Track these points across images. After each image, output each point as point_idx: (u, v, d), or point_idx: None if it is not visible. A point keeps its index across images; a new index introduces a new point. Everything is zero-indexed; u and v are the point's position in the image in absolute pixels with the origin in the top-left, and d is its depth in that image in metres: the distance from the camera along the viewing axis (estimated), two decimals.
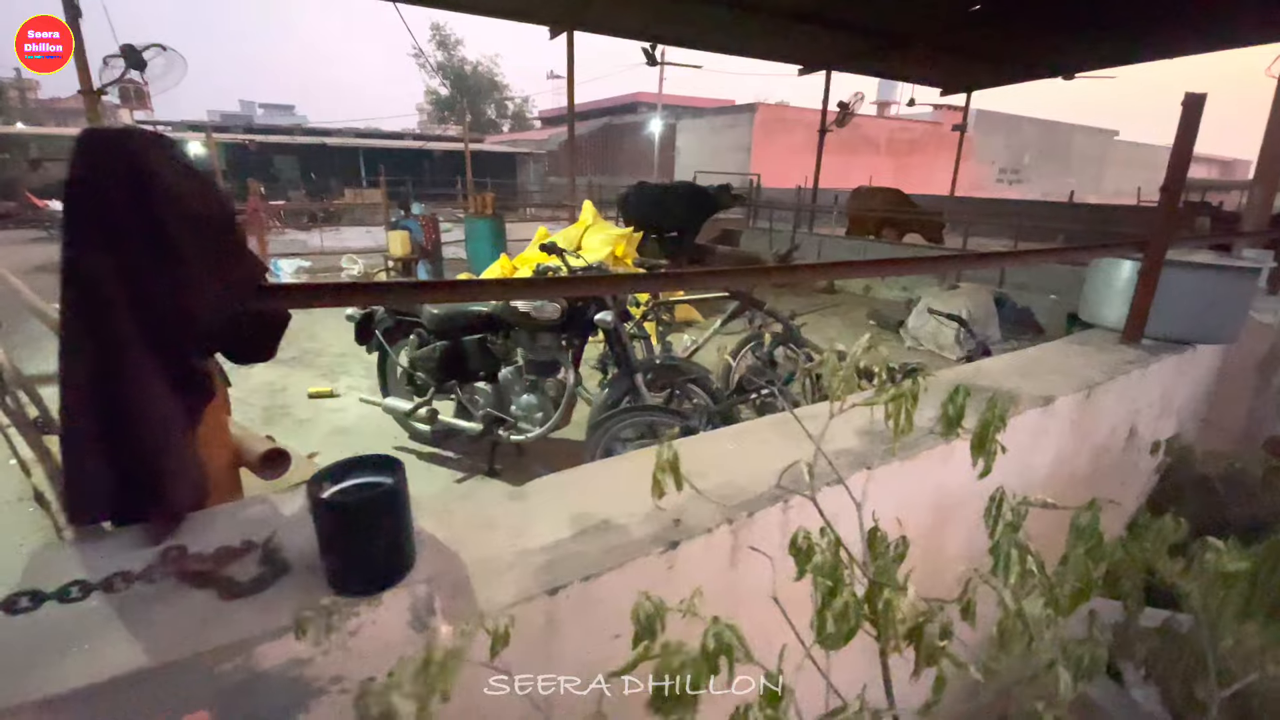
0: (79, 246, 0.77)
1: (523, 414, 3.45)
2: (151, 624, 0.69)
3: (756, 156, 25.57)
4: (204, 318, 0.82)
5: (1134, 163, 36.49)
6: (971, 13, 8.75)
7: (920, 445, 1.42)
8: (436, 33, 37.89)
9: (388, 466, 0.77)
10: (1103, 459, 2.13)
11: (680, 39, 11.05)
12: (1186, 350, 2.41)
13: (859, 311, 7.87)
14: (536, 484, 1.22)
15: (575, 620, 0.95)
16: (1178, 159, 2.15)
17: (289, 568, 0.77)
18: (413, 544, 0.79)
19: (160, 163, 0.78)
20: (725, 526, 1.11)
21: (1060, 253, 2.42)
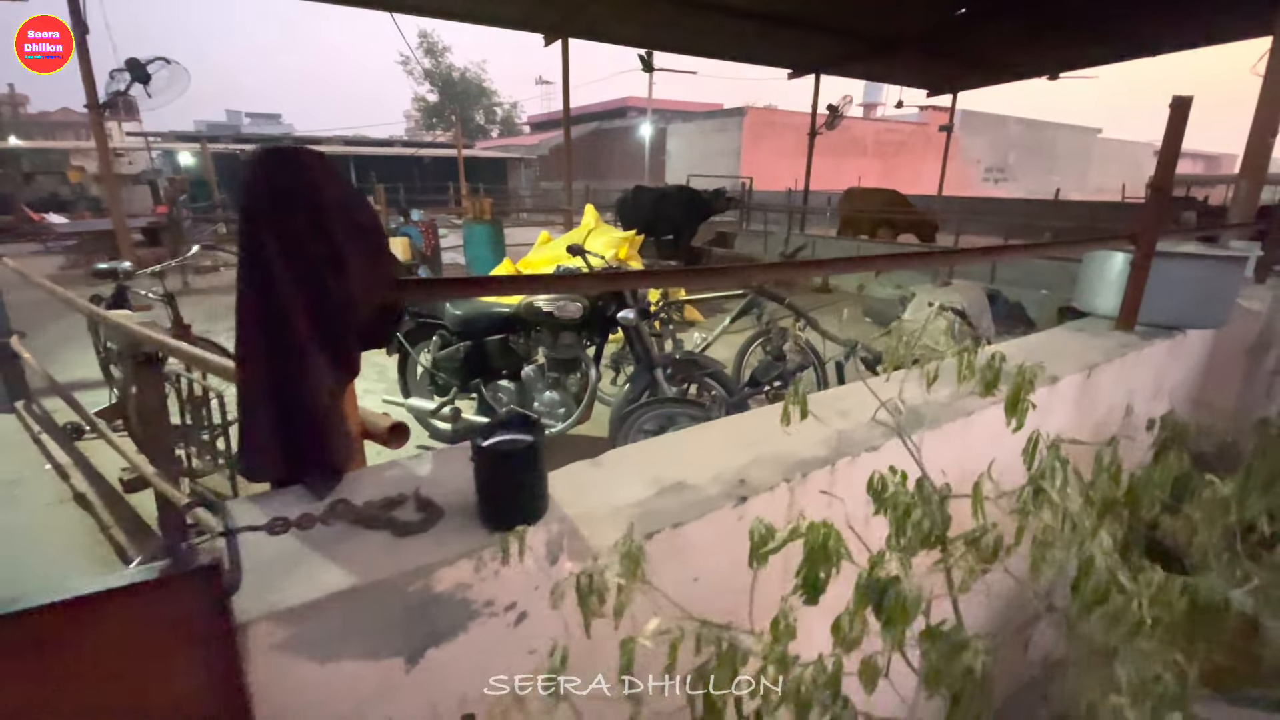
0: (259, 251, 0.91)
1: (546, 410, 3.60)
2: (347, 555, 0.83)
3: (746, 160, 25.87)
4: (362, 309, 0.97)
5: (1117, 160, 37.18)
6: (957, 16, 9.01)
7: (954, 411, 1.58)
8: (424, 40, 38.03)
9: (525, 424, 0.92)
10: (1102, 434, 2.30)
11: (673, 45, 11.26)
12: (1177, 335, 2.60)
13: (855, 309, 8.07)
14: (611, 455, 1.37)
15: (664, 563, 1.10)
16: (1166, 158, 2.33)
17: (443, 512, 0.92)
18: (548, 491, 0.94)
19: (326, 175, 0.93)
20: (784, 485, 1.26)
21: (1056, 247, 2.59)
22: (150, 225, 11.24)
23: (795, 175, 15.88)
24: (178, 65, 7.61)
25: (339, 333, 0.96)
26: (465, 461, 1.12)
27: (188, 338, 3.64)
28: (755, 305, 4.23)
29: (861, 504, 1.19)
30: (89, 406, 3.77)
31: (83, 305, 3.02)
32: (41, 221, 14.29)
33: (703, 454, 1.36)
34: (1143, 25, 9.12)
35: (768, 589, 1.15)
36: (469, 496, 0.96)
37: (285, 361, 0.94)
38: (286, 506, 0.94)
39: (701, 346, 4.33)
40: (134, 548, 2.82)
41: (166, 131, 23.46)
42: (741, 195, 14.55)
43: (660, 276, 2.52)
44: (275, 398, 0.94)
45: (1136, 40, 10.01)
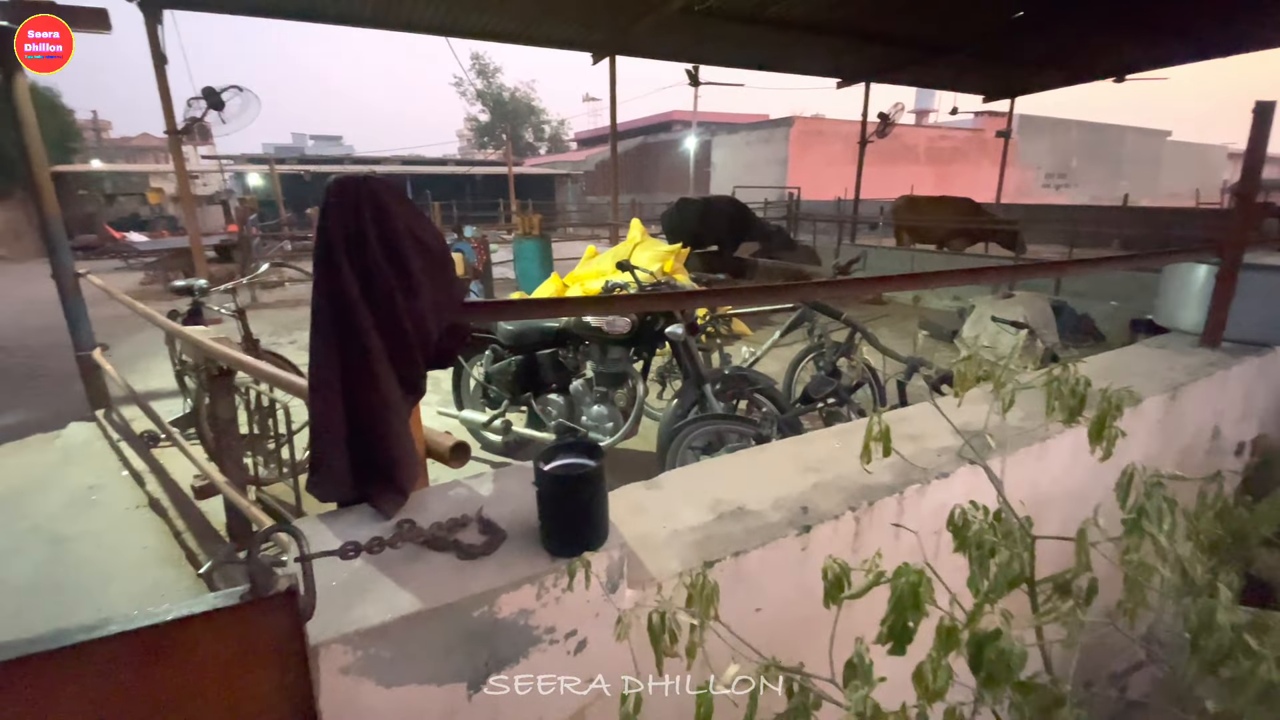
0: (335, 275, 0.94)
1: (594, 424, 3.60)
2: (414, 578, 0.84)
3: (793, 169, 25.61)
4: (432, 331, 0.98)
5: (1188, 163, 35.18)
6: (1015, 19, 8.73)
7: (1028, 436, 1.50)
8: (476, 62, 39.31)
9: (587, 449, 0.92)
10: (1188, 459, 2.15)
11: (719, 59, 11.27)
12: (1266, 352, 2.42)
13: (909, 322, 7.83)
14: (668, 476, 1.35)
15: (725, 592, 1.07)
16: (1250, 164, 2.18)
17: (506, 534, 0.92)
18: (609, 517, 0.93)
19: (399, 204, 0.95)
20: (849, 513, 1.22)
21: (1134, 259, 2.45)
22: (222, 243, 11.89)
23: (845, 184, 15.62)
24: (249, 93, 8.06)
25: (409, 354, 0.98)
26: (524, 482, 1.12)
27: (256, 351, 3.82)
28: (807, 319, 4.15)
29: (933, 536, 1.14)
30: (164, 416, 3.98)
31: (162, 321, 3.19)
32: (123, 240, 15.34)
33: (761, 478, 1.33)
34: (1217, 23, 8.64)
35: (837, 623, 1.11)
36: (530, 519, 0.96)
37: (357, 383, 0.96)
38: (355, 527, 0.95)
39: (750, 361, 4.27)
40: (204, 552, 2.95)
41: (237, 154, 24.87)
42: (789, 205, 14.39)
43: (715, 295, 2.50)
44: (346, 419, 0.97)
45: (1209, 40, 9.49)
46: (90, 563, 2.91)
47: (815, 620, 1.21)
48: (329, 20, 8.26)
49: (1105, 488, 1.79)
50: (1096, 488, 1.77)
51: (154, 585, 2.74)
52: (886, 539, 1.27)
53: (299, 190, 22.39)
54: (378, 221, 0.94)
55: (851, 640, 1.06)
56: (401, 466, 0.99)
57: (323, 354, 0.96)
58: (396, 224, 0.95)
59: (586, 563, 0.76)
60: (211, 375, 2.88)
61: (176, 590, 2.71)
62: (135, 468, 3.88)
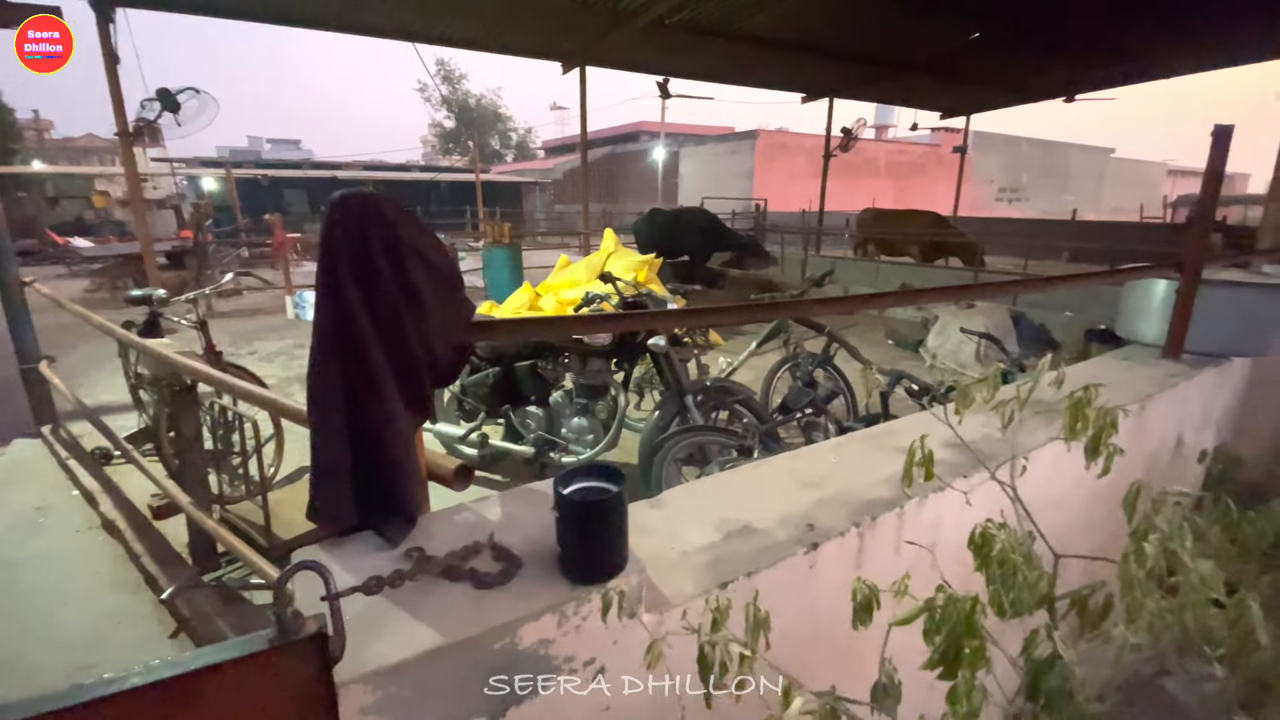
0: (339, 294, 0.91)
1: (574, 436, 3.57)
2: (432, 611, 0.81)
3: (759, 181, 26.02)
4: (439, 350, 0.96)
5: (1131, 179, 37.05)
6: (971, 40, 9.07)
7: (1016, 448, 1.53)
8: (442, 67, 38.90)
9: (606, 473, 0.90)
10: (1154, 467, 2.24)
11: (688, 72, 11.40)
12: (1224, 364, 2.54)
13: (875, 332, 8.01)
14: (670, 494, 1.34)
15: (739, 613, 1.07)
16: (1209, 185, 2.30)
17: (521, 562, 0.90)
18: (628, 542, 0.91)
19: (405, 222, 0.92)
20: (853, 530, 1.22)
21: (1101, 276, 2.55)
22: (174, 249, 11.45)
23: (809, 196, 15.94)
24: (207, 95, 7.81)
25: (416, 374, 0.95)
26: (533, 505, 1.10)
27: (219, 364, 3.67)
28: (782, 329, 4.20)
29: (934, 549, 1.16)
30: (116, 431, 3.78)
31: (120, 333, 3.04)
32: (66, 245, 14.61)
33: (763, 494, 1.33)
34: (1162, 47, 9.13)
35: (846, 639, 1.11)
36: (544, 545, 0.94)
37: (362, 404, 0.93)
38: (361, 557, 0.92)
39: (728, 372, 4.29)
40: (165, 576, 2.81)
41: (190, 157, 24.00)
42: (756, 218, 14.60)
43: (711, 314, 2.50)
44: (350, 441, 0.93)
45: (1155, 62, 10.02)
46: (40, 589, 2.74)
47: (824, 637, 1.21)
48: (292, 23, 8.07)
49: (1085, 498, 1.85)
50: (1077, 498, 1.83)
51: (110, 612, 2.59)
52: (889, 554, 1.28)
53: (256, 195, 21.72)
54: (384, 239, 0.91)
55: (862, 658, 1.06)
56: (408, 490, 0.95)
57: (325, 374, 0.92)
58: (403, 242, 0.92)
59: (621, 593, 0.74)
60: (174, 390, 2.76)
61: (135, 617, 2.57)
62: (86, 487, 3.68)
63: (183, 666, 0.52)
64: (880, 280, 9.92)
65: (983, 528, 0.82)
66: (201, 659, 0.53)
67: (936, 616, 0.68)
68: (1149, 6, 7.57)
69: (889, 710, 0.69)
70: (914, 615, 0.72)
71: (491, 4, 7.52)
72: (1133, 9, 7.68)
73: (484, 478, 3.95)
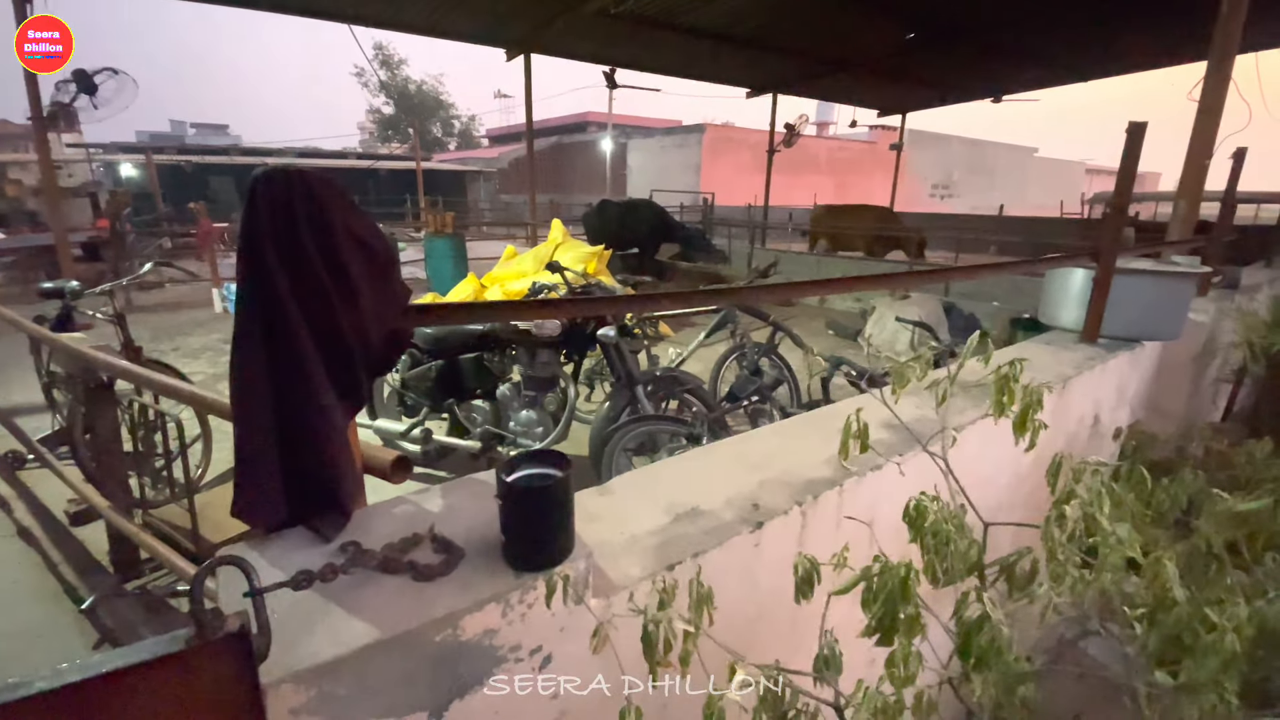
0: (262, 279, 0.86)
1: (522, 430, 3.52)
2: (368, 605, 0.78)
3: (705, 175, 26.24)
4: (373, 337, 0.92)
5: (1052, 177, 39.20)
6: (908, 40, 9.38)
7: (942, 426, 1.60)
8: (380, 52, 37.48)
9: (553, 458, 0.88)
10: (1074, 444, 2.38)
11: (633, 62, 11.37)
12: (1136, 347, 2.72)
13: (816, 322, 8.23)
14: (618, 481, 1.34)
15: (684, 592, 1.07)
16: (1123, 180, 2.45)
17: (463, 552, 0.87)
18: (574, 527, 0.90)
19: (335, 200, 0.88)
20: (795, 508, 1.25)
21: (1025, 264, 2.70)
22: (90, 240, 10.67)
23: (754, 191, 16.18)
24: (125, 76, 7.30)
25: (349, 363, 0.91)
26: (476, 495, 1.07)
27: (138, 360, 3.44)
28: (730, 320, 4.25)
29: (872, 525, 1.19)
30: (30, 433, 3.51)
31: (30, 327, 2.82)
32: None
33: (711, 478, 1.35)
34: (1085, 52, 9.68)
35: (790, 614, 1.14)
36: (488, 534, 0.92)
37: (290, 394, 0.88)
38: (293, 553, 0.87)
39: (677, 362, 4.32)
40: (85, 585, 2.63)
41: (108, 143, 22.36)
42: (704, 211, 14.74)
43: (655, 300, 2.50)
44: (278, 435, 0.88)
45: (1078, 65, 10.61)
46: None
47: (768, 614, 1.24)
48: (223, 1, 7.60)
49: (1013, 473, 1.94)
50: (1005, 473, 1.93)
51: (28, 624, 2.42)
52: (830, 530, 1.32)
53: (180, 182, 20.47)
54: (312, 219, 0.86)
55: (806, 632, 1.08)
56: (342, 484, 0.91)
57: (248, 363, 0.87)
58: (334, 222, 0.88)
59: (565, 577, 0.73)
60: (89, 387, 2.58)
61: (55, 628, 2.40)
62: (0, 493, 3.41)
63: (93, 669, 0.48)
64: (821, 272, 10.19)
65: (916, 500, 0.85)
66: (113, 661, 0.49)
67: (873, 586, 0.70)
68: (1073, 14, 8.00)
69: (830, 680, 0.70)
70: (851, 585, 0.74)
71: None
72: (1058, 16, 8.10)
73: (428, 475, 3.85)
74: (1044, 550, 0.90)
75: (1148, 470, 1.20)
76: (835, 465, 1.42)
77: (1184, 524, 1.10)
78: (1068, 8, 7.80)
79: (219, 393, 2.08)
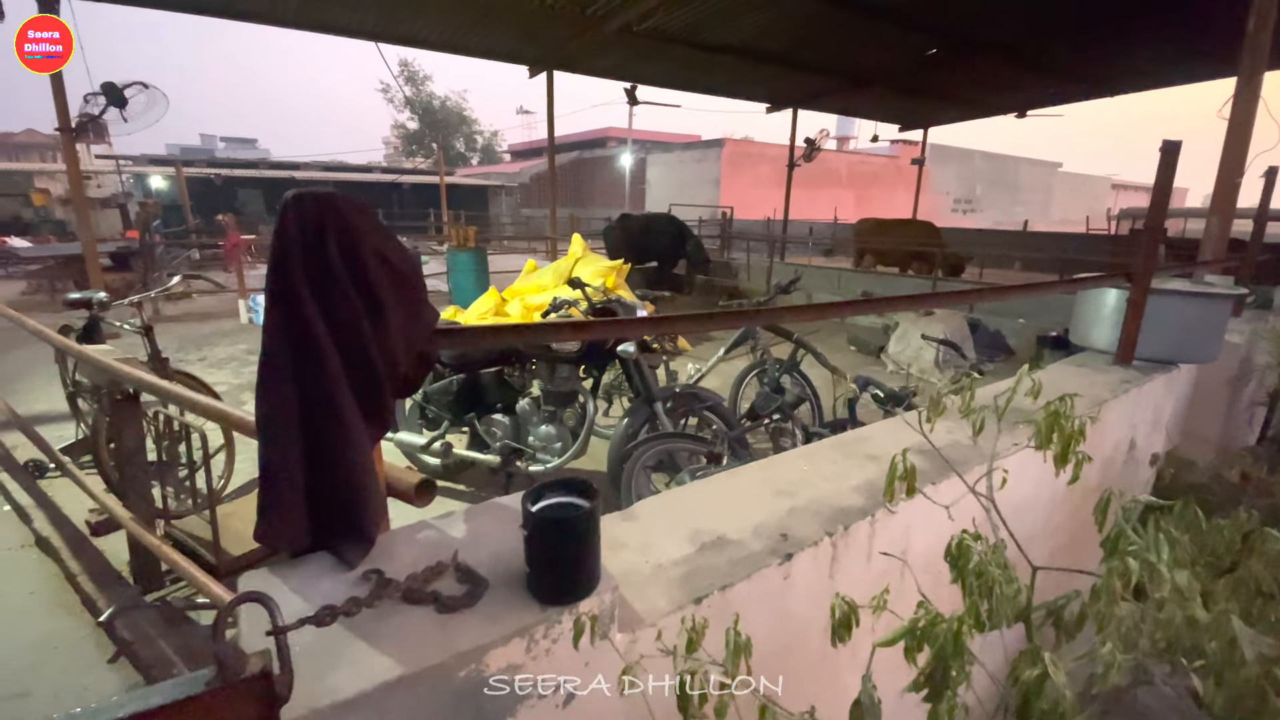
0: (291, 300, 0.85)
1: (541, 444, 3.50)
2: (392, 637, 0.75)
3: (725, 189, 26.29)
4: (400, 359, 0.90)
5: (1077, 192, 38.72)
6: (930, 55, 9.33)
7: (982, 455, 1.55)
8: (405, 68, 38.26)
9: (576, 488, 0.86)
10: (1109, 471, 2.30)
11: (655, 79, 11.45)
12: (1173, 369, 2.63)
13: (838, 338, 8.14)
14: (642, 506, 1.31)
15: (715, 628, 1.04)
16: (1158, 200, 2.39)
17: (488, 583, 0.85)
18: (600, 560, 0.87)
19: (366, 223, 0.87)
20: (826, 539, 1.21)
21: (1058, 285, 2.63)
22: (119, 250, 10.94)
23: (773, 205, 16.17)
24: (156, 90, 7.49)
25: (376, 386, 0.90)
26: (500, 521, 1.05)
27: (165, 371, 3.49)
28: (750, 336, 4.21)
29: (905, 558, 1.15)
30: (53, 443, 3.57)
31: (56, 339, 2.87)
32: (2, 245, 13.83)
33: (737, 504, 1.31)
34: (1112, 67, 9.56)
35: (820, 651, 1.09)
36: (512, 563, 0.89)
37: (317, 416, 0.87)
38: (316, 580, 0.86)
39: (696, 378, 4.29)
40: (103, 597, 2.65)
41: (138, 155, 23.01)
42: (722, 224, 14.75)
43: (677, 322, 2.46)
44: (304, 456, 0.87)
45: (1105, 81, 10.48)
46: None
47: (797, 650, 1.19)
48: (250, 19, 7.81)
49: (1048, 499, 1.88)
50: (1039, 502, 1.86)
51: (45, 636, 2.43)
52: (861, 563, 1.27)
53: (209, 195, 20.97)
54: (342, 243, 0.86)
55: (838, 669, 1.04)
56: (366, 509, 0.90)
57: (276, 385, 0.86)
58: (364, 245, 0.87)
59: (593, 617, 0.71)
60: (115, 399, 2.60)
61: (72, 641, 2.41)
62: (19, 502, 3.46)
63: (108, 714, 0.47)
64: (843, 287, 10.11)
65: (959, 539, 0.81)
66: (130, 705, 0.48)
67: (918, 634, 0.67)
68: (1098, 29, 7.91)
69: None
70: (897, 637, 0.70)
71: (458, 4, 7.42)
72: (1082, 31, 8.02)
73: (448, 488, 3.84)
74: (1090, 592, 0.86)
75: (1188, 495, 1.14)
76: (866, 494, 1.38)
77: (1241, 567, 1.04)
78: (1093, 23, 7.72)
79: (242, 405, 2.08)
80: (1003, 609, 0.74)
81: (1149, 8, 7.20)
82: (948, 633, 0.66)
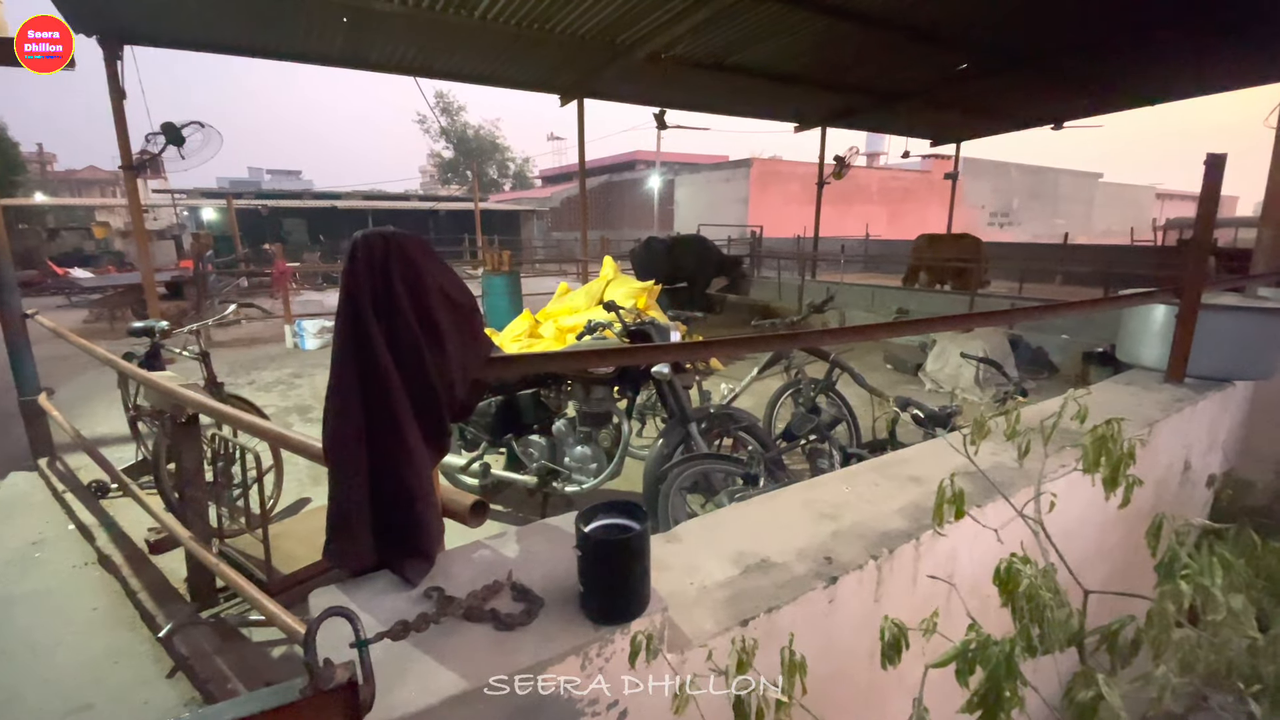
0: (361, 331, 0.91)
1: (577, 465, 3.54)
2: (455, 654, 0.79)
3: (753, 208, 26.35)
4: (457, 385, 0.96)
5: (1119, 203, 37.62)
6: (961, 70, 9.28)
7: (1028, 477, 1.53)
8: (441, 99, 39.62)
9: (625, 509, 0.89)
10: (1164, 492, 2.23)
11: (684, 103, 11.62)
12: (1227, 387, 2.55)
13: (874, 356, 8.03)
14: (685, 528, 1.33)
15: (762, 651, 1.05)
16: (1205, 213, 2.34)
17: (542, 601, 0.88)
18: (650, 581, 0.90)
19: (428, 259, 0.93)
20: (871, 563, 1.21)
21: (1103, 302, 2.58)
22: (173, 280, 11.49)
23: (803, 222, 16.13)
24: (211, 129, 7.91)
25: (436, 409, 0.95)
26: (552, 542, 1.09)
27: (220, 395, 3.65)
28: (784, 355, 4.20)
29: (960, 580, 1.15)
30: (113, 463, 3.75)
31: (125, 366, 3.04)
32: (65, 276, 14.66)
33: (779, 526, 1.32)
34: (1152, 75, 9.36)
35: (867, 674, 1.10)
36: (564, 583, 0.93)
37: (382, 441, 0.92)
38: (380, 597, 0.90)
39: (730, 398, 4.29)
40: (162, 613, 2.76)
41: (191, 188, 24.24)
42: (751, 244, 14.76)
43: (716, 346, 2.48)
44: (368, 480, 0.92)
45: (1144, 89, 10.25)
46: (35, 626, 2.69)
47: (844, 674, 1.19)
48: (297, 59, 8.22)
49: (1099, 522, 1.83)
50: (1090, 526, 1.82)
51: (107, 650, 2.54)
52: (907, 586, 1.27)
53: (256, 225, 21.88)
54: (407, 279, 0.92)
55: (885, 693, 1.04)
56: (426, 529, 0.94)
57: (346, 412, 0.92)
58: (427, 281, 0.93)
59: (648, 636, 0.73)
60: (178, 422, 2.74)
61: (132, 656, 2.51)
62: (83, 521, 3.63)
63: (210, 719, 0.51)
64: (876, 305, 9.99)
65: (1008, 563, 0.81)
66: (230, 711, 0.52)
67: (970, 657, 0.67)
68: (1133, 37, 7.78)
69: None
70: (950, 658, 0.71)
71: (491, 39, 7.68)
72: (1116, 40, 7.89)
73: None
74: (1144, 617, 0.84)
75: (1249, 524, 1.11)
76: (910, 516, 1.38)
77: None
78: (1129, 32, 7.59)
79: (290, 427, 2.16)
80: (1054, 633, 0.74)
81: (1189, 13, 7.05)
82: (1000, 655, 0.67)
